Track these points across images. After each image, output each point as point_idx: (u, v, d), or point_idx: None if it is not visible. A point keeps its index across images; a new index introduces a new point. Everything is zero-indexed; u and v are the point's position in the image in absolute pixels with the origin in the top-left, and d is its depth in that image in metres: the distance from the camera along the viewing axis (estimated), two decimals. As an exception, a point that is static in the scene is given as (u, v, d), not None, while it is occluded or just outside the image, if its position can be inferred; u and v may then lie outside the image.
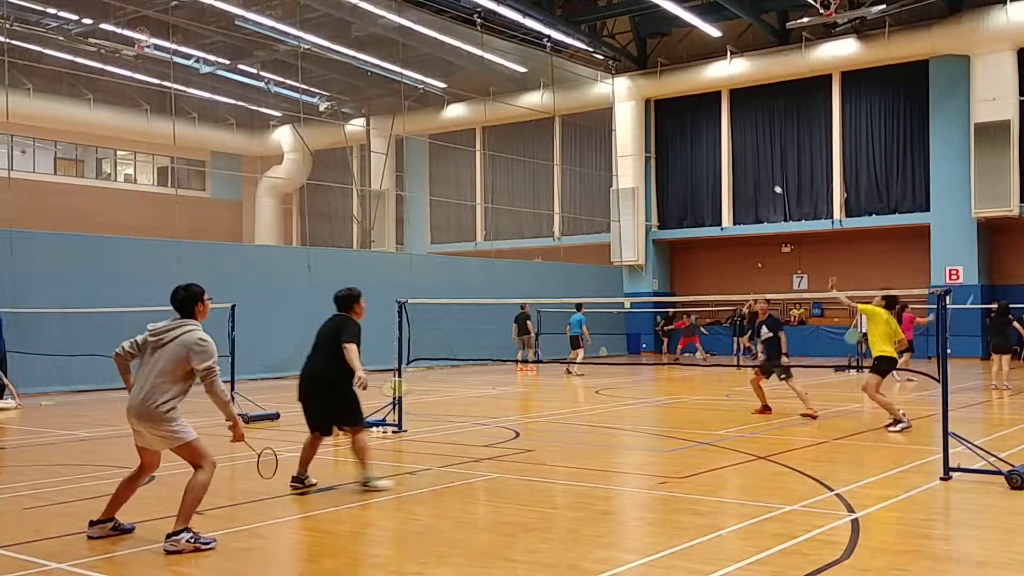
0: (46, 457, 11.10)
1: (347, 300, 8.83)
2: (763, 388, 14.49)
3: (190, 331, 6.60)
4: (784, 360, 14.22)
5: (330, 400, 8.45)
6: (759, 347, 14.99)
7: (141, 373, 6.62)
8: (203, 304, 6.84)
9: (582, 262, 35.00)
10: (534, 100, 35.82)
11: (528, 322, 25.54)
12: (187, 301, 6.76)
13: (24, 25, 29.68)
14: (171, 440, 6.49)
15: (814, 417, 13.49)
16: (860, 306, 12.75)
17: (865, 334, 13.84)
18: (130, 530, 6.78)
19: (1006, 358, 18.11)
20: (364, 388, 8.30)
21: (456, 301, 24.04)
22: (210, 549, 6.34)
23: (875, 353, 12.35)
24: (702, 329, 31.65)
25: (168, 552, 6.26)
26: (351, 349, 8.31)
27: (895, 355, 12.46)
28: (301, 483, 8.57)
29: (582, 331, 24.80)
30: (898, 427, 12.14)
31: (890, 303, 12.59)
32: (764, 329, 14.19)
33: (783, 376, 14.10)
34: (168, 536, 6.32)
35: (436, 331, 20.19)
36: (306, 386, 8.59)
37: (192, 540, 6.33)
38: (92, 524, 6.68)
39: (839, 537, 6.54)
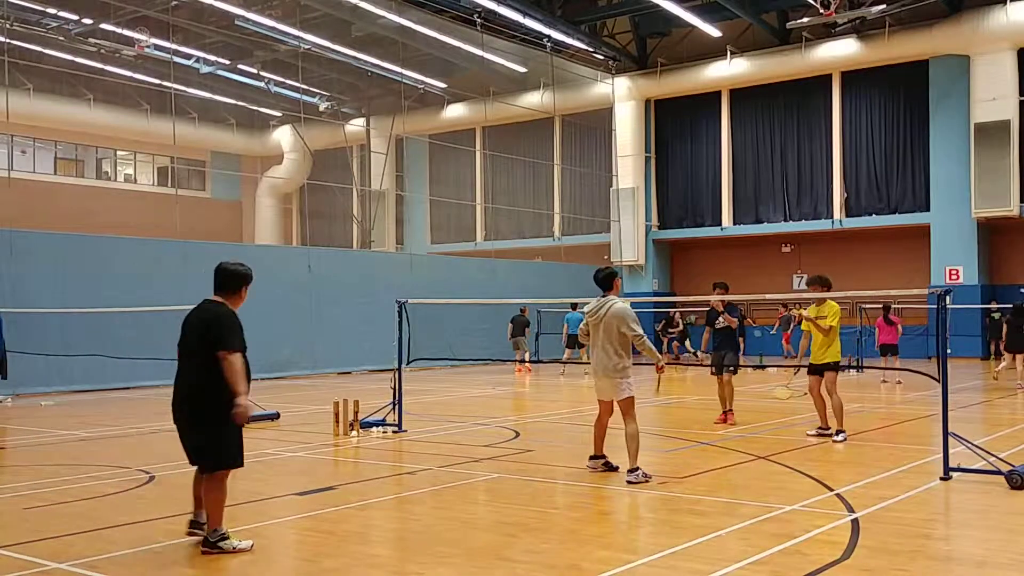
0: (46, 457, 11.10)
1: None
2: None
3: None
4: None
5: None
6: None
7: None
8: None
9: (582, 262, 34.98)
10: (534, 100, 35.80)
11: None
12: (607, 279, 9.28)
13: (24, 25, 29.68)
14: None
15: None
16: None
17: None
18: (615, 468, 9.09)
19: (1020, 357, 18.19)
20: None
21: (456, 301, 24.01)
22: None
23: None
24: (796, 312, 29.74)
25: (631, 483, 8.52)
26: None
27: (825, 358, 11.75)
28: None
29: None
30: (815, 431, 11.74)
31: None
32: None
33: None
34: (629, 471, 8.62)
35: (436, 331, 20.20)
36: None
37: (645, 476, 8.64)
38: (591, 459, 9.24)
39: (839, 537, 6.54)
